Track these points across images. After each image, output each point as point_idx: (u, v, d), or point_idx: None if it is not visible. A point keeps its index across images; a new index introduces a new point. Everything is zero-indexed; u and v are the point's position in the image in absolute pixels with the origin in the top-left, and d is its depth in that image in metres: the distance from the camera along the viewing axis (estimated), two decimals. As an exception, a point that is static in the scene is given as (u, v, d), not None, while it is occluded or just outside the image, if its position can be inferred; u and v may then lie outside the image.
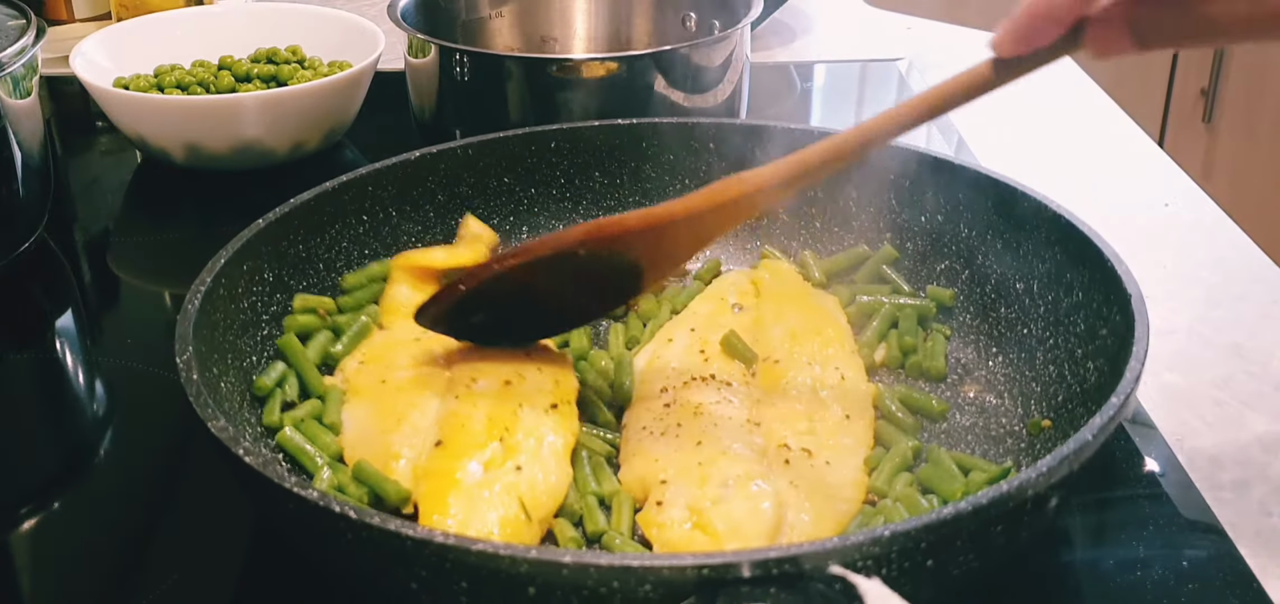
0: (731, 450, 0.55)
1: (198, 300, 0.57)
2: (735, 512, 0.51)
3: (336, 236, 0.69)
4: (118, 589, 0.55)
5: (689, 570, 0.40)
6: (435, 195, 0.74)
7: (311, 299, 0.66)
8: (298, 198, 0.67)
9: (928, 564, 0.43)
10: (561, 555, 0.41)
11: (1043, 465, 0.45)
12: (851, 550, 0.41)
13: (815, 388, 0.60)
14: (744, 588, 0.40)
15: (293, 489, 0.44)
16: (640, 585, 0.41)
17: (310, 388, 0.62)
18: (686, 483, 0.53)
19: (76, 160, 1.03)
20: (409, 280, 0.69)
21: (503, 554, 0.41)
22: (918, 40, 1.26)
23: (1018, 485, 0.44)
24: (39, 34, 0.79)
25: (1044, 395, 0.61)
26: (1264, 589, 0.52)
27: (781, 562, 0.41)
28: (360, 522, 0.43)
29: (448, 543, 0.41)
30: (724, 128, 0.76)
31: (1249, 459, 0.62)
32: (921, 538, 0.42)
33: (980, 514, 0.43)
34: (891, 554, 0.42)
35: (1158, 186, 0.93)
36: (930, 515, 0.42)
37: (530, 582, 0.41)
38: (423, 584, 0.43)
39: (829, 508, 0.53)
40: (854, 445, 0.58)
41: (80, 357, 0.76)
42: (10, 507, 0.61)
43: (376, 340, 0.66)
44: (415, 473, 0.55)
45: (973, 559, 0.45)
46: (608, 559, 0.41)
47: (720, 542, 0.50)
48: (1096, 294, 0.59)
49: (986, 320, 0.67)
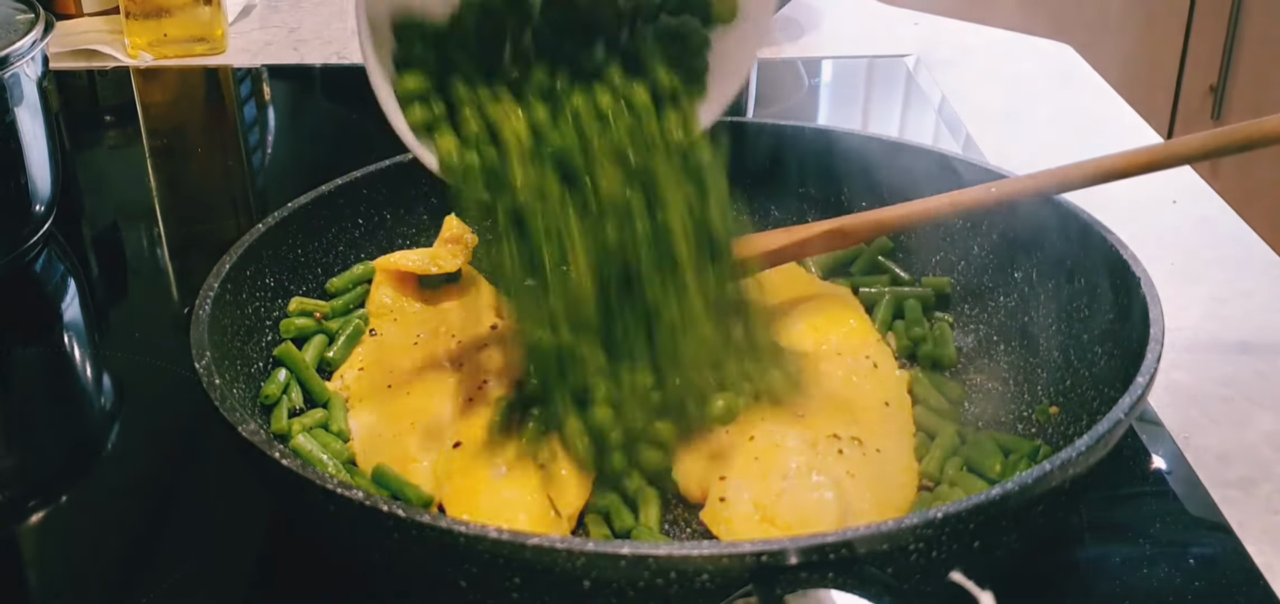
0: (785, 443, 0.55)
1: (208, 305, 0.56)
2: (801, 503, 0.52)
3: (333, 240, 0.69)
4: (128, 581, 0.55)
5: (747, 558, 0.40)
6: (428, 197, 0.73)
7: (307, 302, 0.66)
8: (295, 202, 0.66)
9: (975, 545, 0.44)
10: (619, 547, 0.41)
11: (1081, 445, 0.45)
12: (905, 533, 0.41)
13: (850, 377, 0.60)
14: (802, 574, 0.40)
15: (336, 491, 0.44)
16: (698, 575, 0.41)
17: (314, 395, 0.61)
18: (747, 477, 0.53)
19: (85, 154, 1.03)
20: (391, 282, 0.69)
21: (560, 548, 0.41)
22: (925, 36, 1.26)
23: (1060, 464, 0.44)
24: (47, 28, 0.80)
25: (1051, 382, 0.61)
26: (1271, 587, 0.53)
27: (837, 546, 0.41)
28: (410, 520, 0.42)
29: (502, 538, 0.41)
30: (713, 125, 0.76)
31: (1256, 457, 0.62)
32: (970, 518, 0.43)
33: (1026, 493, 0.44)
34: (942, 536, 0.42)
35: (1165, 183, 0.93)
36: (979, 496, 0.43)
37: (586, 575, 0.41)
38: (472, 581, 0.43)
39: (887, 495, 0.53)
40: (900, 432, 0.58)
41: (88, 350, 0.76)
42: (20, 499, 0.61)
43: (372, 345, 0.66)
44: (436, 475, 0.55)
45: (1014, 540, 0.46)
46: (666, 550, 0.40)
47: (790, 534, 0.50)
48: (1101, 278, 0.60)
49: (985, 309, 0.68)
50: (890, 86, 1.16)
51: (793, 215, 0.76)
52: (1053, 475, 0.44)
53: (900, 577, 0.42)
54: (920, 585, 0.43)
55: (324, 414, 0.60)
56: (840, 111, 1.13)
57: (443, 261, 0.70)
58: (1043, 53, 1.20)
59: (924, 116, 1.09)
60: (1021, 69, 1.18)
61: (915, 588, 0.43)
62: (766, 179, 0.76)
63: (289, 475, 0.45)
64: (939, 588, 0.44)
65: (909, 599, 0.42)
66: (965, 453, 0.57)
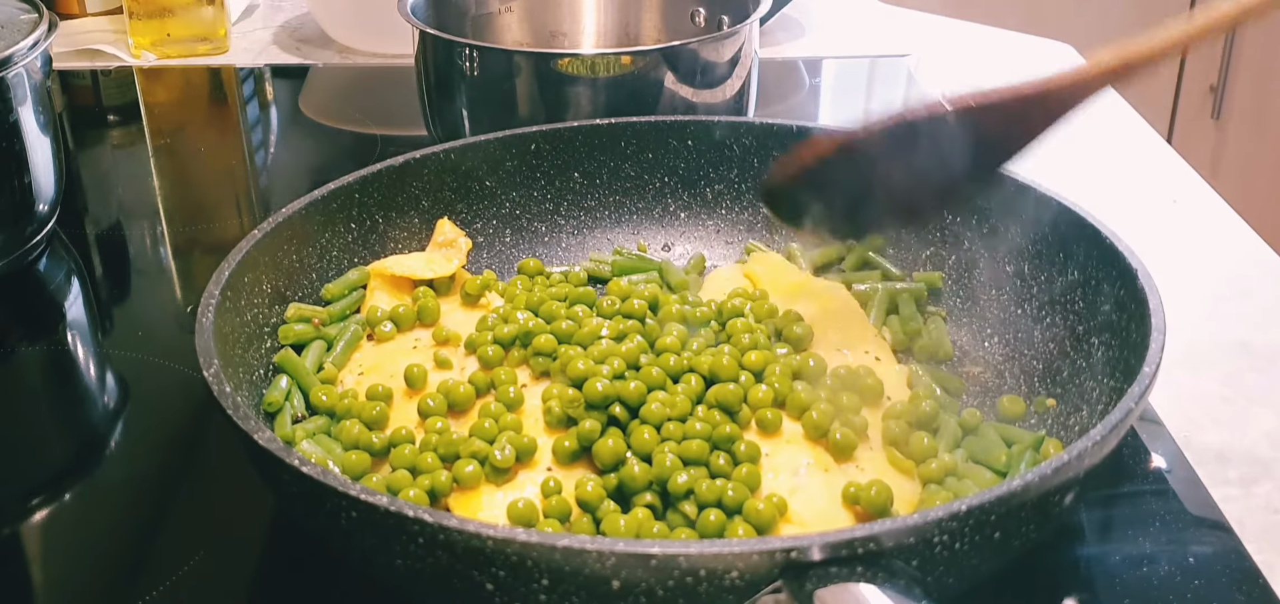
0: (795, 439, 0.55)
1: (211, 312, 0.56)
2: (816, 499, 0.52)
3: (327, 245, 0.69)
4: (129, 580, 0.55)
5: (777, 554, 0.41)
6: (420, 200, 0.73)
7: (306, 309, 0.66)
8: (289, 207, 0.66)
9: (996, 536, 0.44)
10: (649, 546, 0.41)
11: (1096, 433, 0.46)
12: (930, 526, 0.42)
13: (852, 373, 0.61)
14: (831, 569, 0.41)
15: (360, 497, 0.43)
16: (728, 572, 0.41)
17: (315, 403, 0.61)
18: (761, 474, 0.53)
19: (88, 154, 1.03)
20: (386, 287, 0.69)
21: (590, 549, 0.41)
22: (927, 36, 1.26)
23: (1078, 453, 0.45)
24: (51, 28, 0.80)
25: (1047, 374, 0.62)
26: (1270, 585, 0.53)
27: (866, 541, 0.41)
28: (437, 524, 0.42)
29: (531, 540, 0.41)
30: (703, 125, 0.77)
31: (1256, 456, 0.62)
32: (993, 510, 0.43)
33: (1045, 483, 0.44)
34: (966, 528, 0.43)
35: (1166, 183, 0.93)
36: (1001, 488, 0.43)
37: (615, 575, 0.41)
38: (499, 584, 0.43)
39: (897, 489, 0.53)
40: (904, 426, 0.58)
41: (91, 349, 0.76)
42: (23, 497, 0.60)
43: (370, 352, 0.65)
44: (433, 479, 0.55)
45: (1032, 530, 0.46)
46: (696, 548, 0.40)
47: (807, 529, 0.51)
48: (1095, 271, 0.60)
49: (979, 303, 0.68)
50: (891, 87, 1.16)
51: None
52: (1070, 465, 0.45)
53: (924, 569, 0.43)
54: (943, 577, 0.44)
55: (327, 421, 0.60)
56: (841, 112, 1.13)
57: (437, 265, 0.70)
58: (1043, 53, 1.21)
59: (925, 117, 1.09)
60: (1022, 69, 1.18)
61: (938, 580, 0.44)
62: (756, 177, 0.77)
63: (309, 482, 0.45)
64: (960, 579, 0.45)
65: (934, 591, 0.42)
66: (969, 446, 0.57)
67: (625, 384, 0.56)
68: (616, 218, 0.78)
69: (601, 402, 0.55)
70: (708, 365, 0.58)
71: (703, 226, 0.78)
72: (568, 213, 0.78)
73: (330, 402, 0.60)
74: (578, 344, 0.60)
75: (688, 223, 0.78)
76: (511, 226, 0.77)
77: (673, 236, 0.78)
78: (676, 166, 0.77)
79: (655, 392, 0.56)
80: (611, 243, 0.78)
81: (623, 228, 0.78)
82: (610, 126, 0.77)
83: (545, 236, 0.77)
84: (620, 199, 0.78)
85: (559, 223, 0.78)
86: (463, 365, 0.62)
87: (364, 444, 0.57)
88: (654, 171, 0.78)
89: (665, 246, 0.78)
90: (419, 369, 0.61)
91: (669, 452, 0.53)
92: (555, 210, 0.77)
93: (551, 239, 0.77)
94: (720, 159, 0.77)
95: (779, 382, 0.57)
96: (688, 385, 0.57)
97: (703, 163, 0.77)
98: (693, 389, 0.57)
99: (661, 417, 0.54)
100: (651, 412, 0.54)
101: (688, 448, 0.53)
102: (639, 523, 0.51)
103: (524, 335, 0.62)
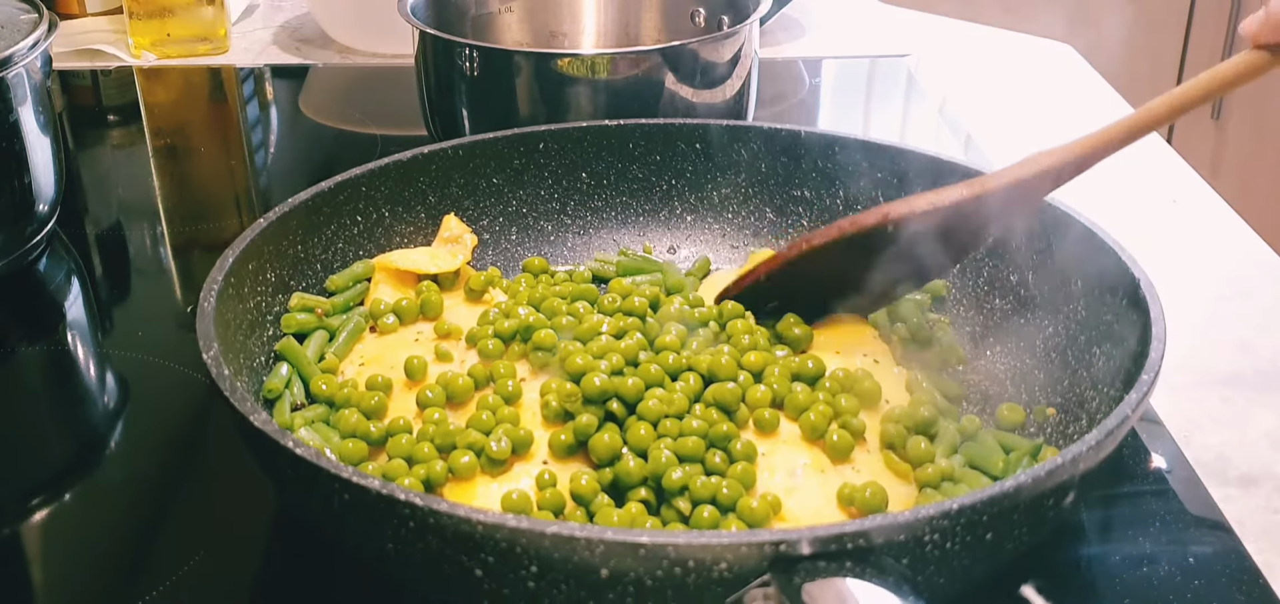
0: (793, 440, 0.56)
1: (213, 298, 0.56)
2: (811, 499, 0.52)
3: (332, 237, 0.69)
4: (131, 578, 0.55)
5: (766, 547, 0.41)
6: (426, 195, 0.74)
7: (309, 299, 0.66)
8: (295, 197, 0.66)
9: (987, 537, 0.44)
10: (638, 535, 0.41)
11: (1091, 439, 0.46)
12: (921, 524, 0.42)
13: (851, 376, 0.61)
14: (820, 563, 0.41)
15: (351, 479, 0.44)
16: (716, 564, 0.41)
17: (315, 392, 0.61)
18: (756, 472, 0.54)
19: (88, 154, 1.03)
20: (391, 280, 0.69)
21: (579, 536, 0.41)
22: (927, 36, 1.26)
23: (1071, 457, 0.45)
24: (51, 28, 0.80)
25: (1048, 382, 0.62)
26: (1270, 586, 0.53)
27: (855, 536, 0.41)
28: (427, 508, 0.42)
29: (520, 526, 0.41)
30: (711, 129, 0.77)
31: (1256, 456, 0.62)
32: (985, 510, 0.43)
33: (1038, 485, 0.44)
34: (958, 527, 0.43)
35: (1166, 183, 0.93)
36: (993, 488, 0.43)
37: (604, 563, 0.41)
38: (488, 569, 0.43)
39: (893, 492, 0.53)
40: (902, 430, 0.58)
41: (91, 349, 0.76)
42: (23, 497, 0.60)
43: (372, 343, 0.66)
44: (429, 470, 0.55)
45: (1024, 533, 0.46)
46: (685, 538, 0.41)
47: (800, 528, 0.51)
48: (1097, 281, 0.60)
49: (981, 312, 0.68)
50: (891, 87, 1.16)
51: (788, 218, 0.77)
52: (1064, 469, 0.45)
53: (915, 568, 0.43)
54: (934, 577, 0.44)
55: (326, 410, 0.60)
56: (841, 112, 1.13)
57: (441, 260, 0.70)
58: (1043, 53, 1.21)
59: (925, 117, 1.09)
60: (1022, 69, 1.19)
61: (929, 579, 0.44)
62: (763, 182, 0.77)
63: (303, 465, 0.45)
64: (951, 580, 0.45)
65: (924, 591, 0.42)
66: (967, 451, 0.57)
67: (623, 380, 0.56)
68: (622, 219, 0.78)
69: (599, 396, 0.55)
70: (706, 364, 0.58)
71: (708, 230, 0.78)
72: (574, 212, 0.78)
73: (330, 391, 0.60)
74: (577, 339, 0.60)
75: (693, 226, 0.78)
76: (518, 225, 0.77)
77: (678, 239, 0.78)
78: (684, 169, 0.78)
79: (653, 389, 0.56)
80: (617, 243, 0.78)
81: (628, 229, 0.78)
82: (618, 128, 0.77)
83: (551, 235, 0.78)
84: (627, 200, 0.78)
85: (565, 222, 0.78)
86: (463, 359, 0.63)
87: (361, 433, 0.57)
88: (661, 174, 0.78)
89: (671, 249, 0.78)
90: (419, 361, 0.61)
91: (665, 448, 0.53)
92: (562, 210, 0.78)
93: (557, 238, 0.78)
94: (727, 164, 0.77)
95: (778, 382, 0.57)
96: (686, 384, 0.57)
97: (710, 167, 0.77)
98: (691, 387, 0.57)
99: (658, 413, 0.54)
100: (649, 408, 0.55)
101: (684, 445, 0.53)
102: (632, 517, 0.51)
103: (524, 330, 0.62)
